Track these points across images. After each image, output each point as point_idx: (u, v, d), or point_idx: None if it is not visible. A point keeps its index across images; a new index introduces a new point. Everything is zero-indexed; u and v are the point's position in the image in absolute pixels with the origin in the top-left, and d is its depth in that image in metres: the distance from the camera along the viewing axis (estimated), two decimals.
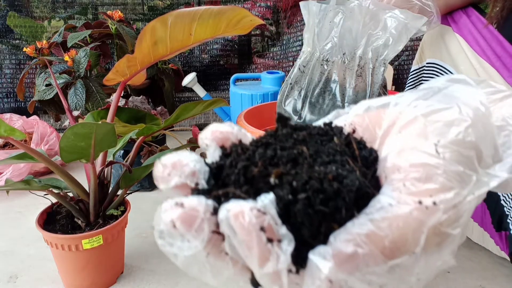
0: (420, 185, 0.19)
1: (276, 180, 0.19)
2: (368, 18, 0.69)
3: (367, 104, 0.25)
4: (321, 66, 0.74)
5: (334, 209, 0.19)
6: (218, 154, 0.23)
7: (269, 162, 0.21)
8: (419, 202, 0.19)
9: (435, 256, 0.19)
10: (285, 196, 0.19)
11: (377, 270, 0.18)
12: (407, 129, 0.22)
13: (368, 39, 0.70)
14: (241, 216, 0.18)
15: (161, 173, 0.21)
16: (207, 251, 0.19)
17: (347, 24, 0.70)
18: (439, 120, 0.21)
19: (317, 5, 0.72)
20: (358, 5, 0.70)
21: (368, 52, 0.71)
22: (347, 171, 0.20)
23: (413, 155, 0.20)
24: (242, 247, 0.18)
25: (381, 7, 0.69)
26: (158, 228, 0.19)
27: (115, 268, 0.81)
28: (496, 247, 0.86)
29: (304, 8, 0.74)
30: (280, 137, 0.22)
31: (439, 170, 0.19)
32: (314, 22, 0.73)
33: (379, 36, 0.70)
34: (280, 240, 0.18)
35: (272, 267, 0.18)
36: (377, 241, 0.18)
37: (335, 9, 0.71)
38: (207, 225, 0.19)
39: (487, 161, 0.22)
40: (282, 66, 1.89)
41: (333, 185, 0.19)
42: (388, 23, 0.69)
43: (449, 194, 0.19)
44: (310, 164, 0.20)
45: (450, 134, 0.21)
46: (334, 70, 0.73)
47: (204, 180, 0.21)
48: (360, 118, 0.25)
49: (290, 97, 0.77)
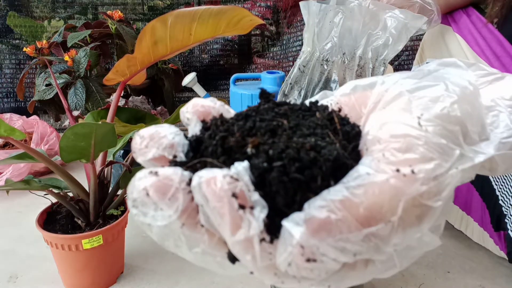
0: (399, 155, 0.19)
1: (253, 149, 0.19)
2: (368, 18, 0.69)
3: (353, 84, 0.25)
4: (321, 66, 0.74)
5: (310, 178, 0.18)
6: (198, 128, 0.22)
7: (247, 133, 0.20)
8: (397, 170, 0.18)
9: (414, 228, 0.18)
10: (260, 164, 0.18)
11: (351, 237, 0.17)
12: (391, 105, 0.21)
13: (368, 39, 0.70)
14: (213, 182, 0.17)
15: (139, 144, 0.21)
16: (182, 221, 0.18)
17: (347, 24, 0.70)
18: (424, 96, 0.21)
19: (317, 5, 0.73)
20: (358, 5, 0.70)
21: (368, 52, 0.71)
22: (326, 142, 0.20)
23: (395, 127, 0.20)
24: (214, 214, 0.17)
25: (381, 7, 0.69)
26: (131, 196, 0.19)
27: (115, 268, 0.81)
28: (496, 247, 0.86)
29: (304, 8, 0.75)
30: (261, 111, 0.22)
31: (420, 141, 0.19)
32: (314, 22, 0.73)
33: (379, 36, 0.70)
34: (253, 207, 0.17)
35: (244, 233, 0.17)
36: (351, 208, 0.17)
37: (335, 9, 0.71)
38: (181, 194, 0.18)
39: (473, 138, 0.22)
40: (282, 66, 1.89)
41: (310, 154, 0.19)
42: (388, 23, 0.69)
43: (429, 165, 0.18)
44: (289, 136, 0.20)
45: (434, 109, 0.20)
46: (334, 70, 0.73)
47: (183, 153, 0.21)
48: (346, 97, 0.24)
49: (290, 97, 0.77)
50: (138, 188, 0.19)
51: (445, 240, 0.94)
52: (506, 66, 0.78)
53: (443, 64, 0.26)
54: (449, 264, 0.87)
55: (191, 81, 1.54)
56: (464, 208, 0.92)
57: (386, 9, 0.69)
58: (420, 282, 0.80)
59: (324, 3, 0.73)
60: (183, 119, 0.23)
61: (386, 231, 0.18)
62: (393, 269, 0.20)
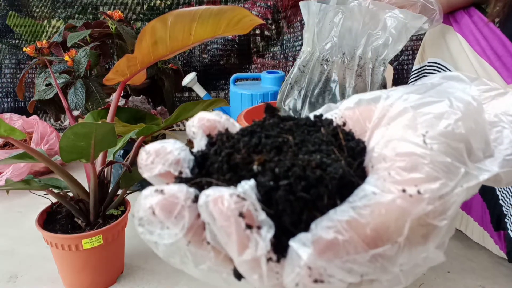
0: (405, 174, 0.19)
1: (259, 167, 0.19)
2: (367, 18, 0.69)
3: (358, 98, 0.25)
4: (321, 66, 0.74)
5: (316, 196, 0.18)
6: (204, 142, 0.22)
7: (253, 150, 0.20)
8: (403, 190, 0.18)
9: (420, 248, 0.19)
10: (266, 183, 0.18)
11: (358, 258, 0.17)
12: (396, 121, 0.21)
13: (368, 39, 0.70)
14: (220, 202, 0.17)
15: (145, 160, 0.21)
16: (188, 239, 0.19)
17: (347, 24, 0.70)
18: (429, 112, 0.21)
19: (317, 5, 0.72)
20: (357, 5, 0.70)
21: (367, 51, 0.71)
22: (332, 160, 0.20)
23: (400, 145, 0.20)
24: (221, 233, 0.17)
25: (381, 7, 0.69)
26: (137, 215, 0.19)
27: (115, 267, 0.81)
28: (496, 246, 0.86)
29: (304, 8, 0.75)
30: (267, 127, 0.22)
31: (426, 160, 0.19)
32: (314, 22, 0.73)
33: (378, 36, 0.70)
34: (260, 226, 0.17)
35: (251, 254, 0.17)
36: (358, 229, 0.17)
37: (335, 9, 0.71)
38: (187, 212, 0.18)
39: (478, 155, 0.22)
40: (282, 66, 1.89)
41: (316, 172, 0.19)
42: (388, 23, 0.69)
43: (435, 184, 0.19)
44: (294, 153, 0.20)
45: (439, 126, 0.20)
46: (334, 70, 0.73)
47: (188, 169, 0.21)
48: (350, 111, 0.24)
49: (290, 97, 0.77)
50: (144, 207, 0.19)
51: None
52: (507, 65, 0.78)
53: (446, 77, 0.26)
54: (449, 264, 0.87)
55: (191, 81, 1.54)
56: (464, 207, 0.92)
57: (386, 9, 0.69)
58: (420, 282, 0.80)
59: (324, 3, 0.73)
60: (189, 133, 0.23)
61: (392, 251, 0.18)
62: (398, 286, 0.20)
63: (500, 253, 0.86)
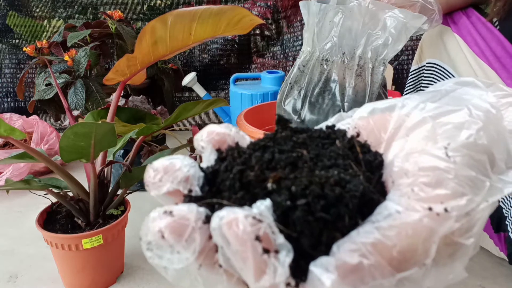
0: (429, 191, 0.18)
1: (274, 185, 0.18)
2: (367, 17, 0.69)
3: (372, 106, 0.24)
4: (321, 65, 0.74)
5: (337, 217, 0.17)
6: (213, 157, 0.21)
7: (266, 166, 0.19)
8: (429, 208, 0.17)
9: (447, 268, 0.18)
10: (283, 202, 0.17)
11: (384, 283, 0.16)
12: (414, 132, 0.21)
13: (368, 39, 0.70)
14: (235, 224, 0.16)
15: (152, 178, 0.20)
16: (199, 262, 0.18)
17: (346, 24, 0.70)
18: (448, 122, 0.20)
19: (316, 4, 0.72)
20: (357, 4, 0.70)
21: (367, 51, 0.71)
22: (350, 175, 0.19)
23: (422, 159, 0.19)
24: (236, 258, 0.16)
25: (381, 7, 0.69)
26: (146, 239, 0.18)
27: (115, 267, 0.81)
28: (496, 247, 0.86)
29: (303, 7, 0.74)
30: (279, 140, 0.21)
31: (450, 175, 0.18)
32: (314, 21, 0.73)
33: (378, 36, 0.70)
34: (278, 250, 0.16)
35: (269, 280, 0.16)
36: (384, 251, 0.16)
37: (335, 8, 0.71)
38: (198, 234, 0.17)
39: (500, 166, 0.21)
40: (282, 66, 1.89)
41: (335, 190, 0.17)
42: (388, 23, 0.69)
43: (462, 200, 0.18)
44: (310, 168, 0.19)
45: (460, 137, 0.19)
46: (334, 69, 0.73)
47: (198, 187, 0.20)
48: (364, 121, 0.23)
49: (290, 97, 0.77)
50: (153, 231, 0.18)
51: None
52: (506, 67, 0.78)
53: (461, 83, 0.25)
54: None
55: (191, 81, 1.54)
56: None
57: (386, 9, 0.69)
58: None
59: (324, 3, 0.73)
60: (197, 147, 0.22)
61: (419, 274, 0.17)
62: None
63: (500, 254, 0.86)
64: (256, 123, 0.84)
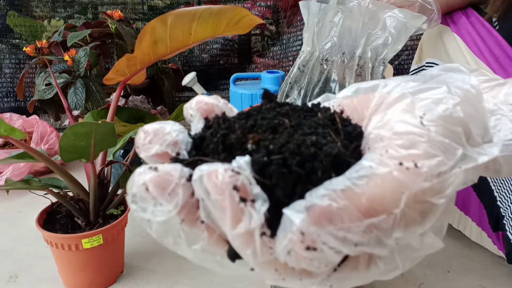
0: (402, 151, 0.18)
1: (253, 145, 0.19)
2: (367, 17, 0.69)
3: (356, 87, 0.25)
4: (321, 65, 0.74)
5: (310, 170, 0.18)
6: (201, 126, 0.22)
7: (248, 131, 0.20)
8: (400, 163, 0.18)
9: (416, 225, 0.18)
10: (260, 158, 0.18)
11: (352, 227, 0.17)
12: (393, 106, 0.21)
13: (368, 39, 0.70)
14: (215, 176, 0.17)
15: (142, 140, 0.21)
16: (182, 217, 0.18)
17: (346, 24, 0.70)
18: (427, 98, 0.21)
19: (316, 4, 0.73)
20: (357, 4, 0.70)
21: (367, 51, 0.71)
22: (327, 141, 0.19)
23: (397, 125, 0.20)
24: (215, 208, 0.17)
25: (380, 7, 0.69)
26: (131, 192, 0.19)
27: (115, 267, 0.81)
28: (494, 246, 0.86)
29: (303, 7, 0.75)
30: (263, 111, 0.22)
31: (423, 139, 0.19)
32: (314, 21, 0.73)
33: (378, 36, 0.70)
34: (254, 200, 0.17)
35: (244, 226, 0.17)
36: (353, 198, 0.17)
37: (335, 8, 0.71)
38: (181, 189, 0.18)
39: (477, 140, 0.21)
40: (282, 66, 1.89)
41: (311, 149, 0.18)
42: (387, 23, 0.69)
43: (433, 161, 0.18)
44: (290, 134, 0.20)
45: (437, 110, 0.20)
46: (334, 69, 0.73)
47: (186, 151, 0.21)
48: (348, 99, 0.24)
49: (290, 97, 0.77)
50: (137, 183, 0.18)
51: (444, 240, 0.93)
52: (505, 67, 0.78)
53: (446, 69, 0.26)
54: (449, 263, 0.87)
55: (191, 81, 1.54)
56: (462, 208, 0.92)
57: (386, 9, 0.69)
58: (420, 281, 0.80)
59: (323, 3, 0.73)
60: (187, 115, 0.23)
61: (388, 223, 0.17)
62: (396, 271, 0.19)
63: (498, 253, 0.86)
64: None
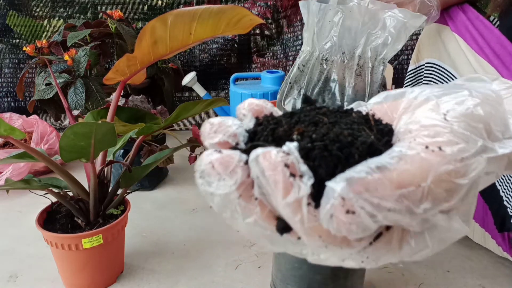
0: (428, 139, 0.21)
1: (298, 136, 0.23)
2: (367, 17, 0.69)
3: (385, 93, 0.28)
4: (321, 65, 0.74)
5: (348, 155, 0.22)
6: (252, 123, 0.26)
7: (293, 125, 0.24)
8: (426, 147, 0.21)
9: (443, 200, 0.21)
10: (305, 145, 0.22)
11: (385, 195, 0.20)
12: (420, 107, 0.24)
13: (367, 39, 0.70)
14: (268, 156, 0.21)
15: (209, 130, 0.24)
16: (239, 193, 0.22)
17: (346, 23, 0.70)
18: (450, 100, 0.24)
19: (316, 4, 0.72)
20: (357, 4, 0.70)
21: (367, 51, 0.71)
22: (362, 135, 0.23)
23: (424, 120, 0.23)
24: (268, 182, 0.21)
25: (380, 6, 0.69)
26: (199, 168, 0.22)
27: (115, 267, 0.81)
28: (498, 247, 0.86)
29: (303, 7, 0.74)
30: (305, 111, 0.26)
31: (447, 130, 0.22)
32: (314, 21, 0.73)
33: (378, 35, 0.70)
34: (302, 175, 0.21)
35: (294, 196, 0.20)
36: (386, 173, 0.20)
37: (335, 8, 0.71)
38: (240, 169, 0.22)
39: (497, 136, 0.24)
40: (282, 65, 1.89)
41: (348, 138, 0.22)
42: (387, 22, 0.69)
43: (455, 147, 0.21)
44: (329, 128, 0.23)
45: (459, 109, 0.23)
46: (334, 69, 0.73)
47: (243, 142, 0.25)
48: (379, 105, 0.28)
49: (290, 97, 0.77)
50: (205, 161, 0.22)
51: None
52: (506, 64, 0.78)
53: (469, 79, 0.29)
54: (449, 263, 0.87)
55: (191, 81, 1.54)
56: None
57: (386, 8, 0.69)
58: (420, 281, 0.81)
59: (323, 3, 0.73)
60: (239, 115, 0.27)
61: (417, 194, 0.20)
62: (426, 251, 0.22)
63: (503, 254, 0.86)
64: None
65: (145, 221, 1.03)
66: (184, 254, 0.90)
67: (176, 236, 0.97)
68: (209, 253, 0.90)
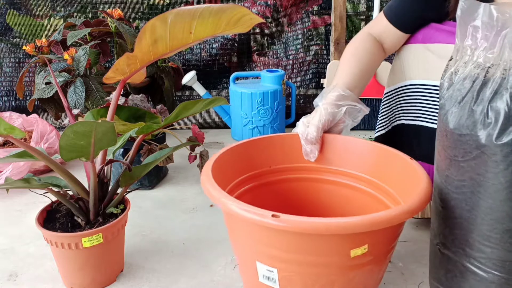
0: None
1: None
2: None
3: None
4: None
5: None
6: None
7: None
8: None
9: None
10: None
11: None
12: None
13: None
14: None
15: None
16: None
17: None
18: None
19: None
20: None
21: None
22: None
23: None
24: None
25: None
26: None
27: (115, 266, 0.81)
28: None
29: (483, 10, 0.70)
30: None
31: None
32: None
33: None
34: None
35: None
36: None
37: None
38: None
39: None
40: (282, 65, 1.89)
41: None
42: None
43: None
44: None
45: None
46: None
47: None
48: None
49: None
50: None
51: None
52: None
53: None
54: None
55: (191, 80, 1.54)
56: None
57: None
58: (420, 280, 0.81)
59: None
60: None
61: None
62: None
63: None
64: (230, 172, 0.74)
65: (145, 220, 1.03)
66: (183, 253, 0.90)
67: (176, 235, 0.97)
68: (209, 252, 0.90)
